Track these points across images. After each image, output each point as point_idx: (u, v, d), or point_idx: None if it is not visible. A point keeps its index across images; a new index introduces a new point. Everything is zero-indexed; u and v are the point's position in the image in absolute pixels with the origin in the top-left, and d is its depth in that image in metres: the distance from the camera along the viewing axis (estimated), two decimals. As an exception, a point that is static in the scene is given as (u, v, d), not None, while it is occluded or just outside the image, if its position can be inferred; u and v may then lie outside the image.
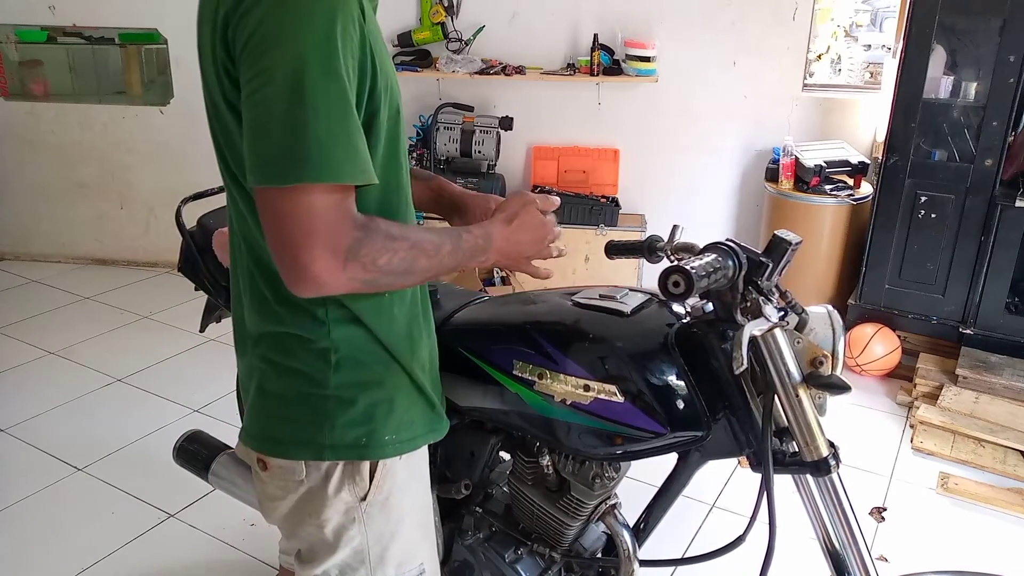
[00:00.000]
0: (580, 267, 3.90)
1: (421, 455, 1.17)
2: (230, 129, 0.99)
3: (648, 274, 3.87)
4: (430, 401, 1.17)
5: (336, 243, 0.90)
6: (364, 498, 1.10)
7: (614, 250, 1.48)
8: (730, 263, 1.15)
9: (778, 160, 3.60)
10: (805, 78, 3.75)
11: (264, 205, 0.91)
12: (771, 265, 1.16)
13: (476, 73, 3.89)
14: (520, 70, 3.93)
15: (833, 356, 1.16)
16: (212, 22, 0.95)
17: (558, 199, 1.21)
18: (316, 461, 1.08)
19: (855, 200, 3.45)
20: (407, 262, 0.97)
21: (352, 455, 1.08)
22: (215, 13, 0.94)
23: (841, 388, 1.14)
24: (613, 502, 1.45)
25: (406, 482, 1.15)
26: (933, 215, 3.14)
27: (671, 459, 1.38)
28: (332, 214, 0.90)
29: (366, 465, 1.09)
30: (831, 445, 1.19)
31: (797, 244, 1.17)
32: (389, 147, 1.04)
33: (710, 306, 1.26)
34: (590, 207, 3.85)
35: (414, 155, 3.98)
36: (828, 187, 3.48)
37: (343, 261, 0.90)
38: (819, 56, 3.85)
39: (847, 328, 3.23)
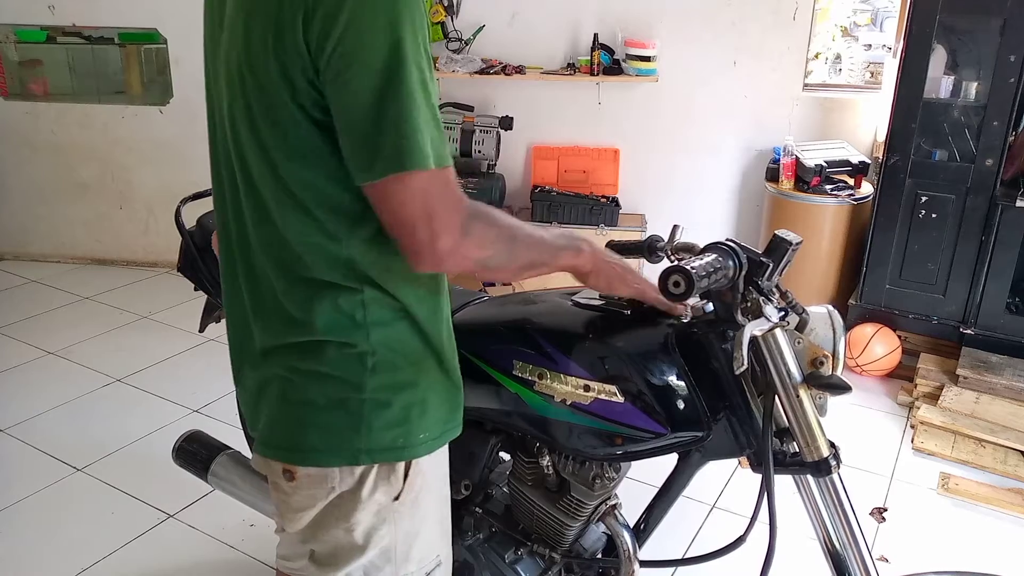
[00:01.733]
0: (580, 267, 3.89)
1: (444, 450, 1.17)
2: (286, 129, 0.97)
3: (648, 274, 3.86)
4: (458, 386, 1.17)
5: (452, 222, 0.97)
6: (397, 498, 1.10)
7: (614, 250, 1.48)
8: (730, 263, 1.15)
9: (778, 160, 3.59)
10: (805, 78, 3.75)
11: (382, 196, 0.96)
12: (771, 265, 1.16)
13: (476, 73, 3.89)
14: (520, 70, 3.93)
15: (833, 356, 1.16)
16: (269, 22, 0.93)
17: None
18: (350, 466, 1.07)
19: (855, 200, 3.45)
20: (508, 239, 1.06)
21: (389, 457, 1.07)
22: (277, 11, 0.92)
23: (841, 388, 1.14)
24: (613, 503, 1.45)
25: (433, 478, 1.15)
26: (933, 215, 3.14)
27: (671, 459, 1.38)
28: (446, 194, 0.97)
29: (401, 465, 1.09)
30: (832, 445, 1.19)
31: (797, 244, 1.17)
32: None
33: (710, 306, 1.25)
34: (590, 207, 3.85)
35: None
36: (828, 187, 3.48)
37: (460, 237, 0.98)
38: (816, 55, 3.85)
39: (847, 328, 3.23)
